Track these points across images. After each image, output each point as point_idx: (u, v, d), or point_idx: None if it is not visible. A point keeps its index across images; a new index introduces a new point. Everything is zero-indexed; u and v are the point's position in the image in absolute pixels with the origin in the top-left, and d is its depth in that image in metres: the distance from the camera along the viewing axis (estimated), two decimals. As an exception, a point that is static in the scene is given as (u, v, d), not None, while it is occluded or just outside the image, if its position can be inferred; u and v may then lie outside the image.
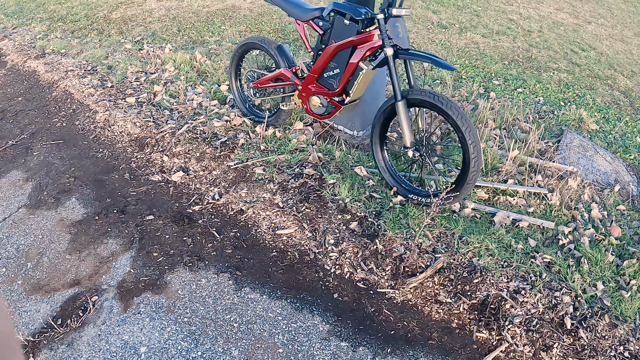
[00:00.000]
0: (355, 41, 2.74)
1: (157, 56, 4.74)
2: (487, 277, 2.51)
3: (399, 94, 2.68)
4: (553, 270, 2.57)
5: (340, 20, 2.79)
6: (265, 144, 3.35)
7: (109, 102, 4.02)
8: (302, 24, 3.08)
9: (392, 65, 2.65)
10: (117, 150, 3.50)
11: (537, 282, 2.48)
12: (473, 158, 2.59)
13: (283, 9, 3.14)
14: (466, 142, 2.57)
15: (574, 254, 2.69)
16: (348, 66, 2.81)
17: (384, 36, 2.61)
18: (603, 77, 5.37)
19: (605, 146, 4.05)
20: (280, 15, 5.96)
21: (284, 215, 2.80)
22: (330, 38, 2.87)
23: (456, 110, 2.55)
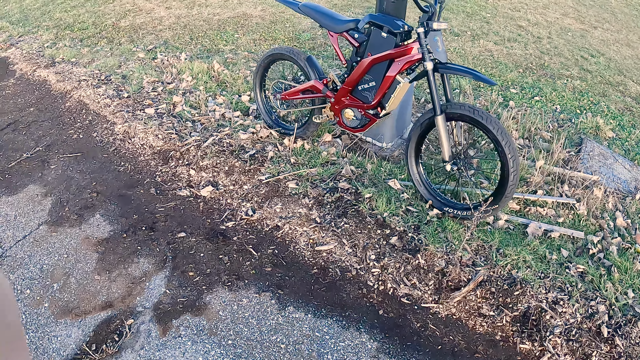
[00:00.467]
0: (392, 54, 2.70)
1: (172, 65, 4.67)
2: (526, 289, 2.52)
3: (439, 108, 2.65)
4: (586, 279, 2.60)
5: (377, 32, 2.75)
6: (295, 156, 3.30)
7: (127, 113, 3.94)
8: (336, 35, 3.03)
9: (432, 79, 2.62)
10: (140, 163, 3.43)
11: (573, 292, 2.50)
12: (512, 172, 2.58)
13: (315, 20, 3.10)
14: (506, 156, 2.55)
15: (604, 262, 2.73)
16: (385, 79, 2.77)
17: (424, 50, 2.58)
18: (614, 84, 5.39)
19: (623, 154, 4.06)
20: (293, 23, 5.91)
21: (322, 231, 2.74)
22: (366, 51, 2.83)
23: (496, 125, 2.53)
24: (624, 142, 4.24)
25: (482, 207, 2.64)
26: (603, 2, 8.58)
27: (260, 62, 3.52)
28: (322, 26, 3.07)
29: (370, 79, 2.86)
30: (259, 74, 3.60)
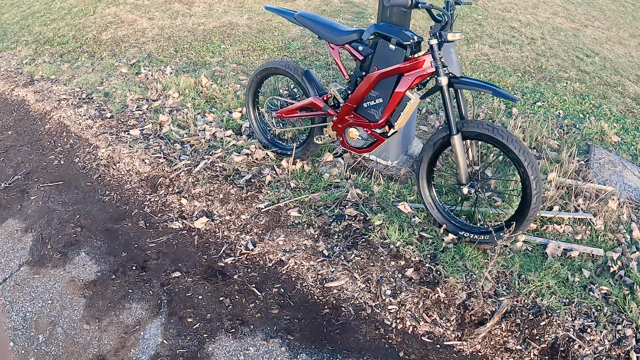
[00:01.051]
0: (402, 68, 2.48)
1: (157, 81, 4.40)
2: (552, 318, 2.34)
3: (455, 127, 2.44)
4: (610, 301, 2.47)
5: (385, 44, 2.53)
6: (295, 180, 3.06)
7: (110, 135, 3.67)
8: (337, 48, 2.80)
9: (446, 95, 2.41)
10: (127, 192, 3.16)
11: (600, 317, 2.36)
12: (535, 194, 2.40)
13: (313, 30, 2.87)
14: (528, 178, 2.37)
15: (626, 280, 2.62)
16: (393, 96, 2.55)
17: (438, 64, 2.36)
18: (612, 84, 5.26)
19: (631, 159, 3.92)
20: (282, 31, 5.68)
21: (331, 265, 2.51)
22: (372, 64, 2.60)
23: (517, 144, 2.34)
24: (630, 146, 4.11)
25: (505, 234, 2.44)
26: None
27: (253, 77, 3.28)
28: (322, 38, 2.84)
29: (377, 95, 2.64)
30: (252, 90, 3.36)
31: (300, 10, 3.01)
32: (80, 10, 6.43)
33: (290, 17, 2.97)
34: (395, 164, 3.24)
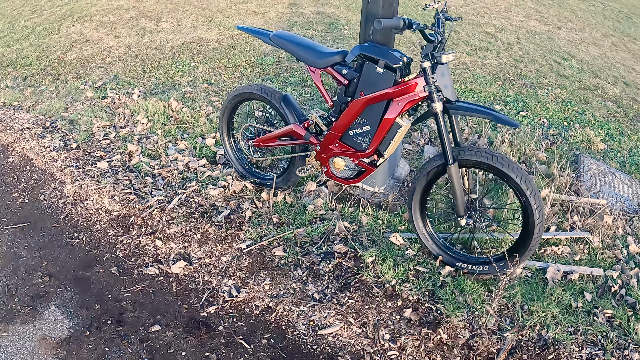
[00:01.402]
0: (391, 93, 2.30)
1: (125, 105, 4.15)
2: (560, 350, 2.23)
3: (451, 156, 2.27)
4: (615, 324, 2.39)
5: (371, 67, 2.34)
6: (278, 214, 2.87)
7: (76, 168, 3.41)
8: (318, 71, 2.59)
9: (441, 123, 2.25)
10: (96, 234, 2.91)
11: (606, 345, 2.27)
12: (538, 224, 2.26)
13: (291, 52, 2.66)
14: (531, 207, 2.23)
15: (627, 300, 2.55)
16: (382, 123, 2.38)
17: (431, 88, 2.20)
18: (592, 88, 5.22)
19: (619, 167, 3.86)
20: (253, 46, 5.47)
21: (324, 310, 2.32)
22: (358, 89, 2.41)
23: (519, 172, 2.20)
24: (617, 152, 4.05)
25: (509, 268, 2.29)
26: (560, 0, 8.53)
27: (226, 103, 3.07)
28: (301, 60, 2.63)
29: (364, 122, 2.46)
30: (225, 117, 3.14)
31: (275, 30, 2.80)
32: (44, 29, 6.10)
33: (265, 37, 2.76)
34: (382, 189, 3.07)
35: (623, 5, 9.28)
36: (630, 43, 7.04)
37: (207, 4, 6.77)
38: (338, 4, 7.13)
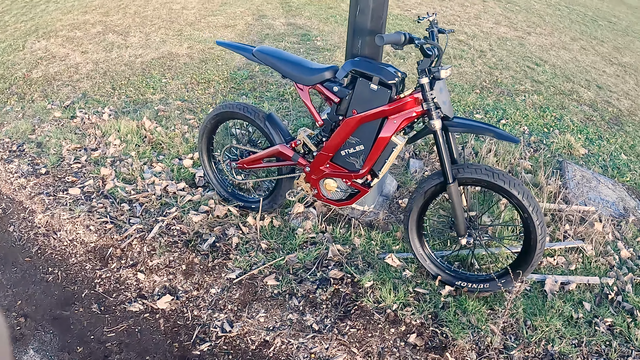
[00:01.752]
0: (387, 111, 2.21)
1: (95, 125, 3.94)
2: None
3: (451, 175, 2.19)
4: (616, 332, 2.42)
5: (364, 84, 2.23)
6: (266, 239, 2.73)
7: (47, 196, 3.19)
8: (306, 88, 2.47)
9: (440, 141, 2.17)
10: (73, 268, 2.71)
11: (611, 354, 2.29)
12: (540, 239, 2.22)
13: (276, 69, 2.52)
14: (533, 223, 2.19)
15: (625, 306, 2.59)
16: (377, 142, 2.28)
17: (430, 105, 2.11)
18: (567, 92, 5.28)
19: (601, 171, 3.88)
20: (226, 60, 5.31)
21: (324, 341, 2.20)
22: (350, 107, 2.30)
23: (521, 189, 2.14)
24: (598, 157, 4.08)
25: (515, 287, 2.23)
26: (527, 6, 8.69)
27: (205, 122, 2.91)
28: (287, 77, 2.50)
29: (357, 141, 2.35)
30: (205, 138, 2.99)
31: (258, 45, 2.66)
32: (8, 46, 5.79)
33: (248, 53, 2.62)
34: (372, 208, 2.97)
35: (587, 9, 9.52)
36: (598, 46, 7.20)
37: (175, 17, 6.58)
38: (308, 15, 7.05)
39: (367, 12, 2.43)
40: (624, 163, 3.99)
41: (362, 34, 2.50)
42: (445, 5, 8.01)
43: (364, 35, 2.50)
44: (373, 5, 2.42)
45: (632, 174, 3.85)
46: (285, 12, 7.05)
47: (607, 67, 6.14)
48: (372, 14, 2.45)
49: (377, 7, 2.44)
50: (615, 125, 4.62)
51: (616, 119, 4.75)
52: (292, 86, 4.72)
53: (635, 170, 3.90)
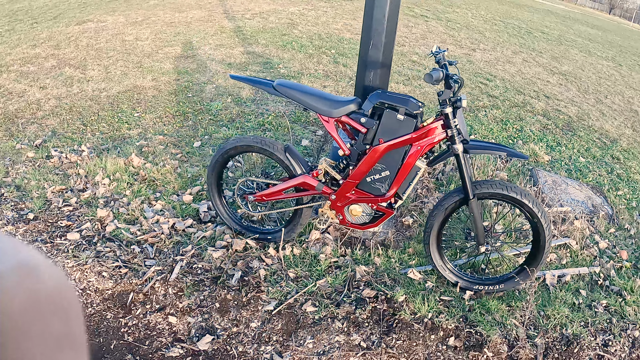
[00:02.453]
0: (413, 138, 2.37)
1: (76, 165, 3.79)
2: (581, 343, 2.54)
3: (471, 191, 2.38)
4: (612, 311, 2.80)
5: (392, 115, 2.38)
6: (292, 268, 2.77)
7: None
8: (332, 120, 2.56)
9: (462, 162, 2.36)
10: (92, 319, 2.60)
11: (613, 329, 2.66)
12: (548, 239, 2.52)
13: (299, 102, 2.58)
14: (542, 226, 2.50)
15: (612, 289, 2.99)
16: (403, 167, 2.43)
17: (454, 132, 2.29)
18: (521, 104, 5.73)
19: (567, 175, 4.27)
20: (195, 91, 5.28)
21: (375, 356, 2.29)
22: (377, 136, 2.43)
23: (530, 198, 2.41)
24: (561, 162, 4.47)
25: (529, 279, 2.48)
26: (466, 23, 9.31)
27: (217, 157, 2.90)
28: (311, 109, 2.57)
29: (383, 167, 2.48)
30: (215, 173, 2.98)
31: (278, 79, 2.72)
32: (-45, 83, 5.41)
33: (269, 87, 2.65)
34: (381, 228, 3.10)
35: (521, 21, 10.34)
36: (539, 57, 7.85)
37: (131, 48, 6.45)
38: (265, 42, 7.16)
39: (380, 47, 2.59)
40: (584, 165, 4.42)
41: (374, 66, 2.65)
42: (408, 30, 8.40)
43: (376, 67, 2.65)
44: (385, 41, 2.58)
45: (593, 174, 4.27)
46: (241, 41, 7.12)
47: (550, 77, 6.73)
48: (384, 49, 2.61)
49: (388, 43, 2.61)
50: (569, 131, 5.09)
51: (568, 125, 5.23)
52: (271, 115, 4.79)
53: (595, 171, 4.33)
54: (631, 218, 3.83)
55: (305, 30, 8.06)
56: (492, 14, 10.75)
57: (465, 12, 10.38)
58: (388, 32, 2.57)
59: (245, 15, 8.54)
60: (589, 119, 5.66)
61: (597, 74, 8.17)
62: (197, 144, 4.24)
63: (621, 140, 5.37)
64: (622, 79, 8.35)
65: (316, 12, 9.34)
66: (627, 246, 3.46)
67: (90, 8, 8.55)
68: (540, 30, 9.68)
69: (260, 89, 2.71)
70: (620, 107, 6.60)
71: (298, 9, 9.45)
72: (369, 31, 2.58)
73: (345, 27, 8.41)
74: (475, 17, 9.68)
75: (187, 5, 8.69)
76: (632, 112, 6.54)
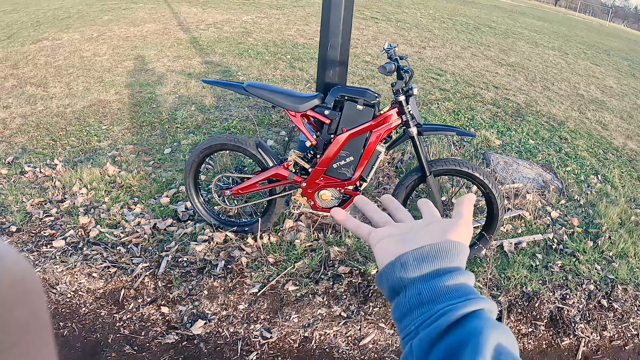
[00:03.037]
0: (372, 125, 2.65)
1: (52, 178, 3.90)
2: (541, 298, 2.89)
3: (428, 169, 2.68)
4: (567, 269, 3.18)
5: (352, 105, 2.66)
6: (271, 254, 3.00)
7: (29, 252, 3.15)
8: (298, 114, 2.81)
9: (418, 143, 2.65)
10: (87, 317, 2.75)
11: (569, 284, 3.04)
12: (500, 207, 2.79)
13: (268, 100, 2.80)
14: (494, 196, 2.78)
15: (566, 251, 3.38)
16: (365, 152, 2.71)
17: (408, 117, 2.59)
18: (471, 96, 6.15)
19: (517, 156, 4.68)
20: (159, 103, 5.43)
21: (356, 324, 2.55)
22: (340, 126, 2.71)
23: (481, 171, 2.71)
24: (512, 145, 4.87)
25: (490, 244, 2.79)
26: (415, 22, 9.77)
27: (193, 157, 3.10)
28: (277, 106, 2.81)
29: (348, 154, 2.76)
30: (192, 173, 3.18)
31: (247, 81, 2.94)
32: None
33: (239, 88, 2.85)
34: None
35: (468, 18, 10.90)
36: (487, 51, 8.35)
37: (89, 64, 6.52)
38: (221, 52, 7.35)
39: (337, 47, 2.87)
40: (534, 146, 4.84)
41: (333, 65, 2.93)
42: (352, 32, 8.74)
43: (335, 66, 2.93)
44: (341, 42, 2.86)
45: (542, 154, 4.69)
46: (199, 52, 7.29)
47: (499, 69, 7.21)
48: (341, 49, 2.89)
49: (344, 43, 2.89)
50: (518, 117, 5.53)
51: (517, 112, 5.67)
52: (235, 120, 5.00)
53: (544, 150, 4.76)
54: (580, 190, 4.26)
55: (260, 37, 8.29)
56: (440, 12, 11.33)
57: (414, 12, 10.89)
58: (344, 34, 2.85)
59: (199, 26, 8.70)
60: (537, 105, 6.13)
61: (543, 63, 8.77)
62: (168, 151, 4.40)
63: (568, 122, 5.86)
64: (568, 66, 8.98)
65: (269, 20, 9.59)
66: (577, 214, 3.86)
67: (43, 27, 8.52)
68: (488, 25, 10.28)
69: (231, 90, 2.93)
70: (567, 92, 7.15)
71: (251, 17, 9.68)
72: (326, 33, 2.86)
73: (299, 33, 8.69)
74: (424, 17, 10.20)
75: (141, 19, 8.78)
76: (579, 96, 7.10)
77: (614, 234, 3.59)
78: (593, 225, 3.74)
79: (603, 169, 4.67)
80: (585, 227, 3.72)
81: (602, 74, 8.85)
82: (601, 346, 2.74)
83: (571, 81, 7.82)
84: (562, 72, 8.36)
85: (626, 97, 7.61)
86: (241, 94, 2.95)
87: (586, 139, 5.32)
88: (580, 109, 6.41)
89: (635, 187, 4.47)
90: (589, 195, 4.17)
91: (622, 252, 3.42)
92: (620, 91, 7.91)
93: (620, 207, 3.92)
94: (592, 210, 3.92)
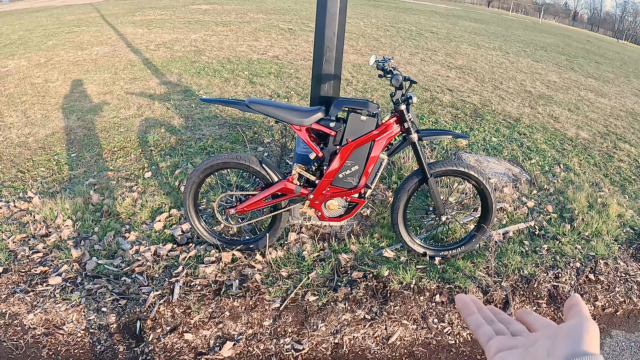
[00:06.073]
0: (375, 135, 2.77)
1: (30, 211, 3.73)
2: (538, 279, 3.16)
3: (429, 171, 2.84)
4: (553, 251, 3.49)
5: (356, 117, 2.77)
6: (284, 268, 3.05)
7: (24, 293, 2.99)
8: (303, 128, 2.86)
9: (419, 149, 2.80)
10: (104, 355, 2.65)
11: (560, 264, 3.33)
12: (493, 201, 3.00)
13: (271, 115, 2.84)
14: (488, 191, 3.00)
15: (548, 235, 3.70)
16: (369, 160, 2.82)
17: (409, 125, 2.73)
18: (430, 100, 6.46)
19: (485, 154, 4.97)
20: (126, 127, 5.29)
21: (381, 324, 2.66)
22: (345, 137, 2.80)
23: (475, 170, 2.90)
24: (478, 144, 5.17)
25: (487, 234, 3.02)
26: (361, 32, 10.07)
27: (193, 178, 3.06)
28: (283, 121, 2.85)
29: (353, 163, 2.86)
30: (192, 194, 3.15)
31: (249, 97, 2.96)
32: None
33: (241, 106, 2.86)
34: (346, 222, 3.48)
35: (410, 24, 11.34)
36: (434, 56, 8.74)
37: (43, 91, 6.26)
38: (178, 72, 7.28)
39: (332, 62, 2.98)
40: (497, 143, 5.17)
41: (328, 79, 3.03)
42: (298, 45, 8.89)
43: (330, 79, 3.03)
44: (336, 56, 2.97)
45: (507, 149, 5.01)
46: (154, 72, 7.17)
47: (449, 72, 7.58)
48: (335, 63, 2.99)
49: (338, 57, 3.00)
50: (477, 117, 5.86)
51: (475, 112, 6.00)
52: (210, 139, 4.98)
53: (508, 146, 5.09)
54: (548, 180, 4.60)
55: (213, 55, 8.26)
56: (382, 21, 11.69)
57: (357, 22, 11.19)
58: (338, 48, 2.96)
59: (149, 47, 8.55)
60: (491, 104, 6.51)
61: (489, 63, 9.29)
62: (148, 175, 4.33)
63: (523, 118, 6.27)
64: (512, 65, 9.56)
65: (218, 37, 9.57)
66: (550, 202, 4.20)
67: (-20, 55, 8.05)
68: (430, 31, 10.76)
69: (232, 107, 2.94)
70: (516, 89, 7.63)
71: (199, 35, 9.61)
72: (321, 49, 2.96)
73: (250, 49, 8.73)
74: (368, 26, 10.53)
75: (88, 42, 8.50)
76: (527, 93, 7.59)
77: (586, 216, 3.91)
78: (566, 210, 4.06)
79: (563, 158, 5.06)
80: (560, 212, 4.04)
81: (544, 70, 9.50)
82: (595, 315, 3.00)
83: (517, 79, 8.35)
84: (508, 71, 8.91)
85: (570, 90, 8.23)
86: (244, 111, 2.99)
87: (542, 133, 5.73)
88: (531, 105, 6.87)
89: (594, 172, 4.89)
90: (556, 183, 4.51)
91: (597, 231, 3.75)
92: (563, 85, 8.54)
93: (585, 191, 4.27)
94: (562, 197, 4.25)
